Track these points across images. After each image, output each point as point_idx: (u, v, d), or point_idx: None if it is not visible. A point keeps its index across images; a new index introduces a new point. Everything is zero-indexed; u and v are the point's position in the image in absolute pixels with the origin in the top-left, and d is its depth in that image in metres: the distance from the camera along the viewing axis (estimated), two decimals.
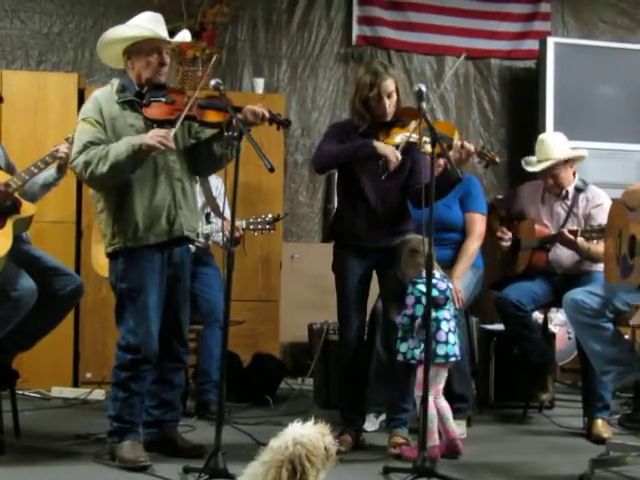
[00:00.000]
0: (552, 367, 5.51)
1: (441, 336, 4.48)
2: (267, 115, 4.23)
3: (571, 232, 5.05)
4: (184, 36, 4.45)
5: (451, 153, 4.37)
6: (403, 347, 4.51)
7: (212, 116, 4.23)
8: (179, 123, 4.18)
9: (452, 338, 4.52)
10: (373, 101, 4.59)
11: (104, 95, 4.30)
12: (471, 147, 4.42)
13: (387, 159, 4.47)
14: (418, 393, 4.41)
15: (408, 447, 4.51)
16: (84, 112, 4.28)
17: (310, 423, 3.12)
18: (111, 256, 4.32)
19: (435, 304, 4.45)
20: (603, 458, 4.23)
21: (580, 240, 5.04)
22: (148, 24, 4.29)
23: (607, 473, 4.18)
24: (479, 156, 4.57)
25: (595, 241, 5.01)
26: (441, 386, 4.55)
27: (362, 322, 4.73)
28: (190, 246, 4.54)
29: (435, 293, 4.46)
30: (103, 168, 4.09)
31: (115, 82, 4.34)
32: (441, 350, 4.47)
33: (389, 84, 4.57)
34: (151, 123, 4.23)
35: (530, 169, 5.48)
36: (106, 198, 4.27)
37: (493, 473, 4.32)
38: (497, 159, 4.56)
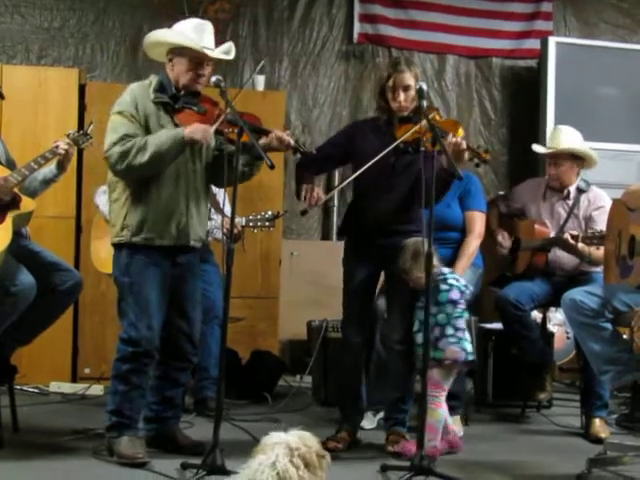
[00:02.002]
0: (550, 366, 5.51)
1: (467, 334, 4.54)
2: (292, 144, 4.29)
3: (572, 237, 5.03)
4: (229, 50, 4.41)
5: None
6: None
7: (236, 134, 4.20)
8: (217, 124, 4.18)
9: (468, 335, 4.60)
10: (389, 92, 4.60)
11: (141, 91, 4.31)
12: (463, 144, 4.38)
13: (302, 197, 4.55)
14: (434, 393, 4.42)
15: (408, 441, 4.49)
16: (121, 104, 4.28)
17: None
18: (116, 247, 4.33)
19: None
20: (601, 457, 4.23)
21: (581, 246, 5.02)
22: (194, 32, 4.29)
23: (604, 472, 4.18)
24: (470, 154, 4.51)
25: (596, 247, 5.00)
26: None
27: (364, 320, 4.71)
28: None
29: (462, 289, 4.56)
30: (143, 158, 4.11)
31: (154, 79, 4.35)
32: (469, 347, 4.52)
33: (406, 77, 4.56)
34: None
35: (537, 150, 5.51)
36: (123, 189, 4.28)
37: (491, 472, 4.32)
38: (487, 157, 4.51)
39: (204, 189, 4.41)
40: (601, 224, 5.03)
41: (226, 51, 4.41)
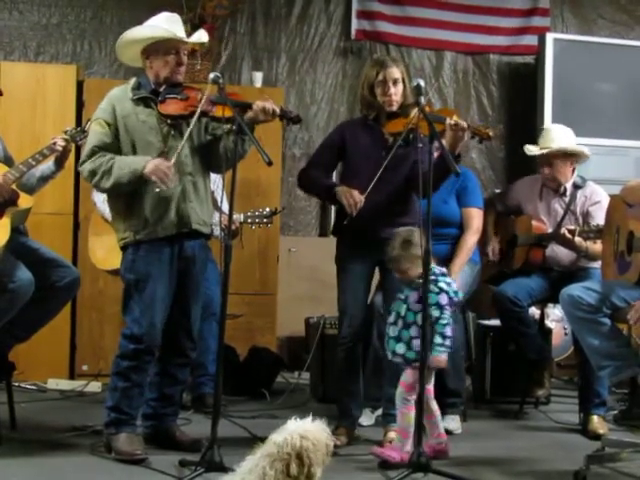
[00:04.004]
0: (548, 363, 5.52)
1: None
2: (277, 111, 4.25)
3: (569, 232, 5.04)
4: (200, 36, 4.47)
5: (447, 133, 4.36)
6: (400, 348, 4.36)
7: (223, 111, 4.21)
8: (180, 149, 4.18)
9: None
10: (379, 87, 4.63)
11: (118, 94, 4.35)
12: (463, 123, 4.38)
13: (345, 206, 4.52)
14: (406, 396, 4.32)
15: (389, 446, 4.38)
16: (97, 112, 4.35)
17: (309, 419, 3.14)
18: (123, 249, 4.36)
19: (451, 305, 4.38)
20: (599, 454, 4.24)
21: (578, 240, 5.02)
22: (165, 24, 4.33)
23: (602, 469, 4.19)
24: (472, 132, 4.48)
25: (593, 241, 5.00)
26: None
27: (361, 315, 4.70)
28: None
29: (452, 294, 4.35)
30: (106, 183, 4.19)
31: (132, 80, 4.39)
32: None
33: (394, 71, 4.61)
34: (165, 119, 4.28)
35: (530, 153, 5.50)
36: (117, 195, 4.32)
37: (488, 468, 4.32)
38: (491, 133, 4.49)
39: (201, 172, 4.40)
40: (598, 219, 5.03)
41: (198, 37, 4.47)
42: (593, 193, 5.36)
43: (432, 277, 4.29)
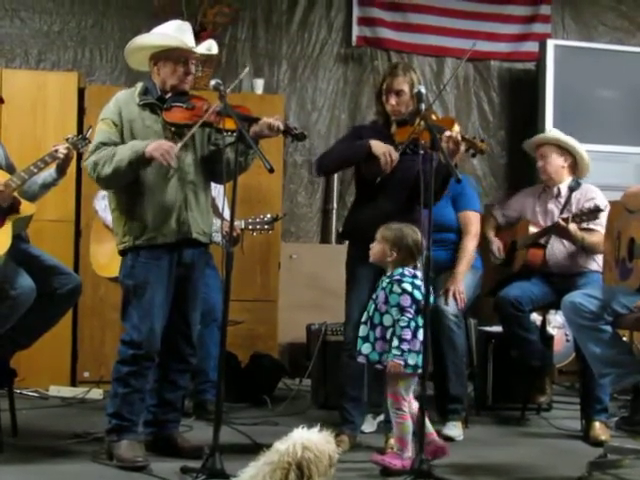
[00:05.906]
0: (550, 369, 5.52)
1: (415, 345, 4.18)
2: (282, 128, 4.27)
3: (563, 220, 5.08)
4: (210, 47, 4.47)
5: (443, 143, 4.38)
6: (365, 348, 4.30)
7: (229, 123, 4.22)
8: (186, 138, 4.21)
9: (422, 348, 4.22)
10: (383, 95, 4.71)
11: (125, 97, 4.37)
12: (458, 137, 4.39)
13: (379, 159, 4.53)
14: (397, 406, 4.24)
15: (390, 454, 4.31)
16: (104, 112, 4.35)
17: (316, 429, 3.14)
18: (122, 254, 4.36)
19: (417, 309, 4.23)
20: (601, 461, 4.23)
21: (573, 228, 5.06)
22: (176, 33, 4.35)
23: (605, 476, 4.18)
24: (468, 145, 4.49)
25: (588, 224, 5.07)
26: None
27: None
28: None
29: (419, 296, 4.22)
30: (107, 170, 4.16)
31: (139, 85, 4.40)
32: (412, 360, 4.18)
33: (399, 81, 4.66)
34: (170, 127, 4.29)
35: (525, 143, 5.62)
36: (119, 197, 4.32)
37: (490, 475, 4.32)
38: (484, 147, 4.51)
39: (202, 182, 4.41)
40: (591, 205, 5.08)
41: (208, 48, 4.48)
42: (587, 191, 5.40)
43: (397, 277, 4.27)
